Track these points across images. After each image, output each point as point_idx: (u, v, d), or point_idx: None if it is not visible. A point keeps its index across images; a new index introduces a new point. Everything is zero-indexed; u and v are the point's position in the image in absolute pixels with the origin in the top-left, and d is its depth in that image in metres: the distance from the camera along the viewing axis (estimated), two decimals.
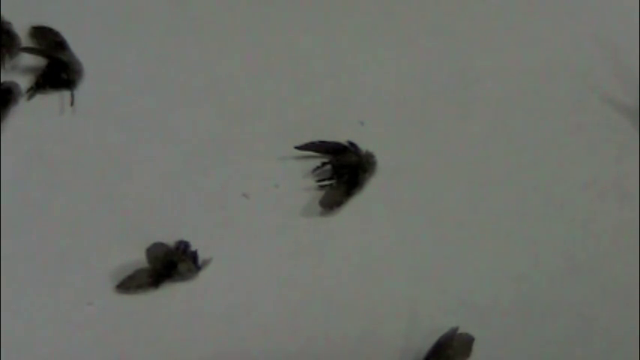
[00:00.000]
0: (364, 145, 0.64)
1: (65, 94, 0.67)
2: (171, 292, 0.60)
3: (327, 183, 0.64)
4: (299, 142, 0.65)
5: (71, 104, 0.67)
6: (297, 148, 0.65)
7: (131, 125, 0.66)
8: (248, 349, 0.58)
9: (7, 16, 0.69)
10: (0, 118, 0.65)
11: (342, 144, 0.65)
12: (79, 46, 0.69)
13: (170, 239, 0.61)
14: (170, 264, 0.59)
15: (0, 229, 0.61)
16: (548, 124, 0.67)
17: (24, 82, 0.68)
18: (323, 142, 0.65)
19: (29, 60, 0.69)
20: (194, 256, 0.60)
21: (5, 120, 0.66)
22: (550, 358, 0.59)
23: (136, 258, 0.60)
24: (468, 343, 0.58)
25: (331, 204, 0.63)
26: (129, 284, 0.59)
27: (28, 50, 0.68)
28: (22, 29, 0.70)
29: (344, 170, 0.64)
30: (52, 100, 0.67)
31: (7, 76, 0.68)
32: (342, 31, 0.71)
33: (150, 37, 0.70)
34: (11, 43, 0.68)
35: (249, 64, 0.69)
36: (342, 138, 0.65)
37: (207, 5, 0.72)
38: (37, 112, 0.67)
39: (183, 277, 0.60)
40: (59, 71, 0.67)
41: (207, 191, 0.64)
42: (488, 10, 0.73)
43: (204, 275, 0.60)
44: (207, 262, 0.60)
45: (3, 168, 0.64)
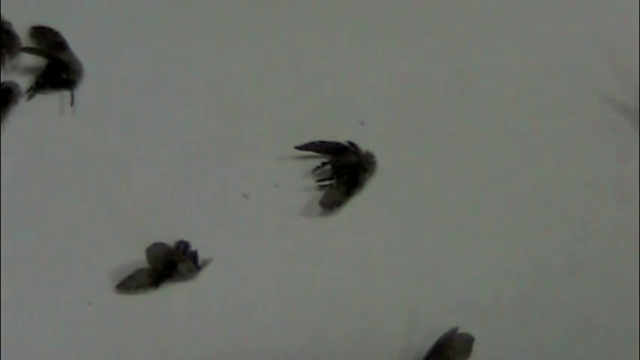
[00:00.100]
0: (364, 145, 0.64)
1: (65, 94, 0.67)
2: (171, 292, 0.60)
3: (327, 183, 0.64)
4: (299, 142, 0.65)
5: (71, 104, 0.67)
6: (297, 148, 0.65)
7: (131, 125, 0.66)
8: (248, 349, 0.58)
9: (7, 16, 0.69)
10: (0, 118, 0.65)
11: (342, 144, 0.65)
12: (79, 46, 0.69)
13: (170, 239, 0.61)
14: (170, 264, 0.59)
15: (0, 229, 0.61)
16: (548, 124, 0.67)
17: (24, 82, 0.68)
18: (323, 142, 0.65)
19: (29, 60, 0.69)
20: (194, 256, 0.60)
21: (5, 120, 0.66)
22: (550, 358, 0.59)
23: (136, 258, 0.60)
24: (468, 343, 0.58)
25: (331, 204, 0.63)
26: (129, 284, 0.59)
27: (28, 50, 0.68)
28: (22, 29, 0.70)
29: (344, 170, 0.64)
30: (52, 100, 0.67)
31: (7, 76, 0.68)
32: (342, 31, 0.71)
33: (150, 37, 0.70)
34: (11, 43, 0.68)
35: (249, 64, 0.69)
36: (342, 138, 0.65)
37: (207, 5, 0.72)
38: (37, 112, 0.67)
39: (183, 277, 0.60)
40: (59, 71, 0.67)
41: (207, 191, 0.64)
42: (488, 10, 0.73)
43: (204, 275, 0.60)
44: (207, 262, 0.60)
45: (3, 168, 0.64)
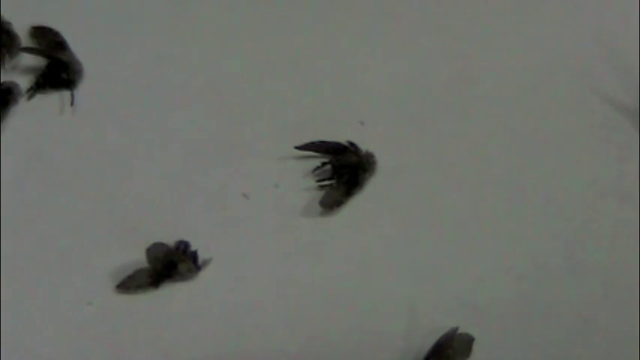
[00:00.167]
0: (364, 145, 0.64)
1: (65, 94, 0.67)
2: (171, 292, 0.60)
3: (327, 183, 0.64)
4: (299, 142, 0.65)
5: (71, 104, 0.67)
6: (297, 148, 0.65)
7: (131, 125, 0.66)
8: (248, 349, 0.58)
9: (7, 16, 0.69)
10: (0, 118, 0.65)
11: (342, 144, 0.65)
12: (79, 46, 0.69)
13: (170, 239, 0.61)
14: (170, 264, 0.59)
15: (0, 229, 0.61)
16: (548, 124, 0.67)
17: (24, 82, 0.68)
18: (323, 142, 0.65)
19: (29, 60, 0.69)
20: (194, 256, 0.60)
21: (5, 120, 0.66)
22: (550, 358, 0.59)
23: (136, 258, 0.60)
24: (468, 343, 0.58)
25: (331, 204, 0.63)
26: (129, 284, 0.59)
27: (28, 50, 0.68)
28: (22, 29, 0.70)
29: (344, 170, 0.64)
30: (52, 100, 0.67)
31: (7, 76, 0.68)
32: (342, 31, 0.71)
33: (150, 37, 0.70)
34: (11, 43, 0.68)
35: (249, 64, 0.69)
36: (342, 138, 0.65)
37: (207, 5, 0.72)
38: (37, 112, 0.67)
39: (183, 277, 0.60)
40: (59, 71, 0.67)
41: (207, 191, 0.64)
42: (488, 10, 0.73)
43: (204, 275, 0.60)
44: (207, 262, 0.60)
45: (3, 168, 0.64)
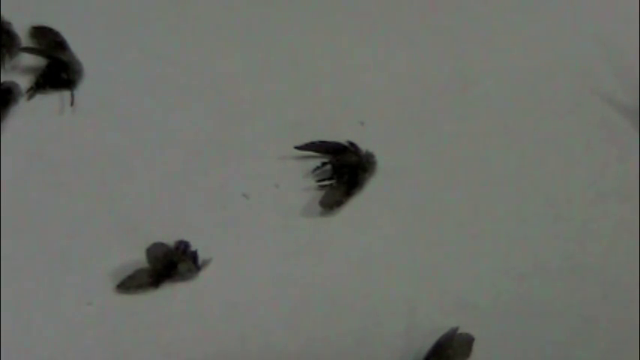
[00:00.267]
0: (364, 145, 0.64)
1: (65, 94, 0.67)
2: (172, 292, 0.60)
3: (327, 183, 0.64)
4: (299, 142, 0.65)
5: (71, 104, 0.67)
6: (297, 148, 0.65)
7: (131, 125, 0.66)
8: (248, 348, 0.58)
9: (7, 16, 0.69)
10: (0, 118, 0.65)
11: (342, 144, 0.65)
12: (79, 46, 0.69)
13: (170, 239, 0.61)
14: (170, 264, 0.59)
15: (0, 229, 0.61)
16: (548, 124, 0.67)
17: (24, 82, 0.68)
18: (323, 142, 0.65)
19: (29, 60, 0.69)
20: (194, 256, 0.60)
21: (5, 120, 0.66)
22: (550, 358, 0.59)
23: (136, 258, 0.60)
24: (468, 343, 0.58)
25: (331, 204, 0.63)
26: (129, 284, 0.59)
27: (28, 50, 0.68)
28: (22, 29, 0.70)
29: (344, 170, 0.64)
30: (52, 100, 0.67)
31: (7, 76, 0.68)
32: (342, 31, 0.71)
33: (150, 37, 0.70)
34: (11, 43, 0.68)
35: (248, 64, 0.69)
36: (342, 138, 0.65)
37: (207, 5, 0.72)
38: (37, 112, 0.67)
39: (183, 277, 0.60)
40: (59, 71, 0.67)
41: (207, 191, 0.64)
42: (488, 10, 0.73)
43: (204, 275, 0.60)
44: (207, 262, 0.60)
45: (3, 168, 0.64)
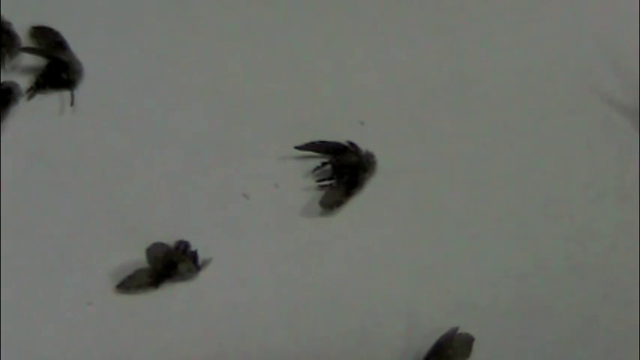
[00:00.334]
0: (364, 145, 0.64)
1: (65, 94, 0.67)
2: (172, 292, 0.60)
3: (327, 183, 0.64)
4: (299, 142, 0.65)
5: (71, 104, 0.67)
6: (297, 148, 0.65)
7: (131, 125, 0.66)
8: (248, 348, 0.58)
9: (7, 16, 0.69)
10: (0, 118, 0.65)
11: (342, 144, 0.65)
12: (79, 46, 0.69)
13: (170, 239, 0.61)
14: (170, 264, 0.59)
15: (0, 229, 0.61)
16: (548, 124, 0.67)
17: (24, 82, 0.68)
18: (323, 142, 0.65)
19: (29, 60, 0.69)
20: (194, 256, 0.60)
21: (5, 120, 0.66)
22: (550, 358, 0.59)
23: (136, 258, 0.60)
24: (468, 343, 0.58)
25: (331, 204, 0.63)
26: (129, 284, 0.59)
27: (28, 50, 0.68)
28: (22, 29, 0.70)
29: (344, 170, 0.64)
30: (52, 100, 0.67)
31: (7, 76, 0.68)
32: (342, 31, 0.71)
33: (150, 37, 0.70)
34: (11, 43, 0.68)
35: (249, 64, 0.69)
36: (342, 138, 0.65)
37: (207, 5, 0.72)
38: (37, 112, 0.67)
39: (183, 277, 0.60)
40: (59, 71, 0.67)
41: (207, 191, 0.64)
42: (488, 10, 0.73)
43: (204, 275, 0.60)
44: (207, 262, 0.60)
45: (3, 168, 0.64)
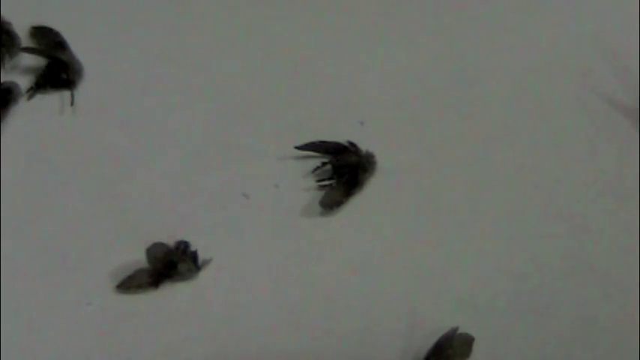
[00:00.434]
0: (364, 145, 0.64)
1: (65, 94, 0.67)
2: (171, 292, 0.60)
3: (327, 183, 0.64)
4: (299, 142, 0.65)
5: (71, 104, 0.67)
6: (297, 148, 0.65)
7: (131, 125, 0.66)
8: (248, 349, 0.58)
9: (7, 16, 0.69)
10: (0, 118, 0.65)
11: (342, 144, 0.65)
12: (79, 46, 0.69)
13: (170, 239, 0.61)
14: (170, 264, 0.59)
15: (0, 229, 0.61)
16: (548, 124, 0.67)
17: (24, 82, 0.68)
18: (323, 142, 0.65)
19: (29, 60, 0.69)
20: (194, 256, 0.60)
21: (5, 120, 0.66)
22: (550, 358, 0.59)
23: (136, 258, 0.60)
24: (468, 343, 0.58)
25: (331, 204, 0.63)
26: (129, 284, 0.59)
27: (28, 50, 0.68)
28: (22, 29, 0.70)
29: (344, 170, 0.64)
30: (52, 100, 0.67)
31: (7, 76, 0.68)
32: (342, 31, 0.71)
33: (150, 37, 0.70)
34: (11, 43, 0.68)
35: (249, 64, 0.69)
36: (342, 138, 0.65)
37: (207, 5, 0.72)
38: (37, 112, 0.67)
39: (183, 277, 0.60)
40: (59, 71, 0.67)
41: (207, 191, 0.64)
42: (488, 10, 0.73)
43: (204, 275, 0.60)
44: (207, 262, 0.60)
45: (3, 168, 0.64)
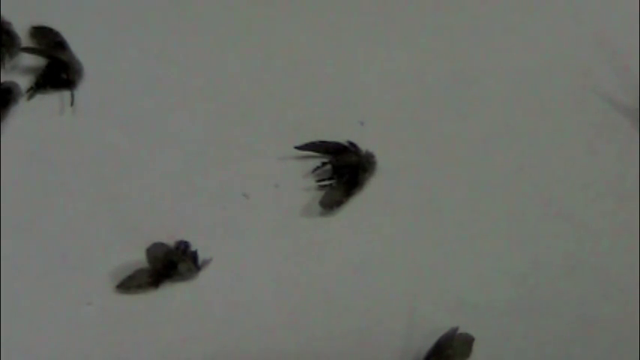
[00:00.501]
0: (364, 145, 0.64)
1: (65, 94, 0.67)
2: (171, 292, 0.60)
3: (327, 183, 0.64)
4: (299, 142, 0.65)
5: (71, 104, 0.67)
6: (297, 148, 0.65)
7: (131, 125, 0.66)
8: (248, 349, 0.58)
9: (7, 16, 0.69)
10: (0, 118, 0.65)
11: (342, 144, 0.65)
12: (79, 46, 0.69)
13: (170, 239, 0.61)
14: (170, 264, 0.59)
15: (0, 229, 0.61)
16: (548, 124, 0.67)
17: (24, 82, 0.68)
18: (323, 142, 0.65)
19: (29, 60, 0.69)
20: (194, 256, 0.60)
21: (5, 120, 0.66)
22: (550, 358, 0.59)
23: (136, 258, 0.60)
24: (468, 343, 0.58)
25: (331, 204, 0.63)
26: (129, 284, 0.59)
27: (28, 50, 0.68)
28: (22, 29, 0.70)
29: (344, 170, 0.64)
30: (52, 100, 0.67)
31: (7, 76, 0.68)
32: (342, 31, 0.71)
33: (150, 37, 0.70)
34: (11, 43, 0.68)
35: (249, 64, 0.69)
36: (342, 138, 0.65)
37: (207, 5, 0.72)
38: (37, 112, 0.67)
39: (183, 277, 0.60)
40: (59, 71, 0.67)
41: (207, 191, 0.64)
42: (487, 10, 0.73)
43: (204, 275, 0.60)
44: (207, 262, 0.60)
45: (3, 168, 0.64)
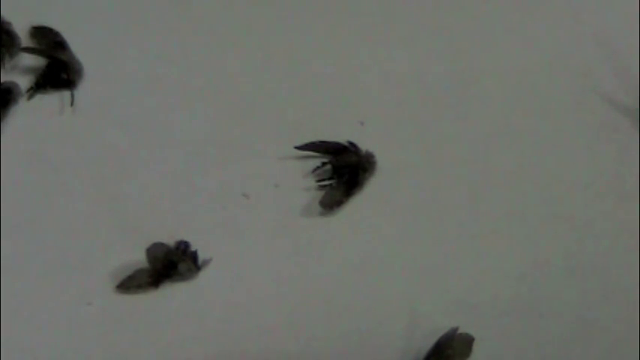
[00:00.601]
0: (364, 145, 0.64)
1: (65, 94, 0.67)
2: (171, 292, 0.60)
3: (327, 183, 0.64)
4: (299, 142, 0.65)
5: (71, 104, 0.67)
6: (297, 148, 0.65)
7: (131, 125, 0.66)
8: (248, 349, 0.58)
9: (7, 16, 0.69)
10: (0, 118, 0.65)
11: (342, 144, 0.65)
12: (79, 46, 0.69)
13: (170, 239, 0.61)
14: (170, 264, 0.59)
15: (0, 229, 0.61)
16: (548, 124, 0.67)
17: (24, 82, 0.68)
18: (323, 142, 0.65)
19: (29, 60, 0.69)
20: (194, 256, 0.60)
21: (5, 120, 0.66)
22: (550, 358, 0.59)
23: (136, 258, 0.60)
24: (468, 343, 0.58)
25: (331, 204, 0.63)
26: (129, 284, 0.59)
27: (28, 50, 0.68)
28: (22, 29, 0.70)
29: (344, 170, 0.64)
30: (52, 100, 0.67)
31: (7, 76, 0.68)
32: (342, 31, 0.71)
33: (150, 37, 0.70)
34: (11, 43, 0.68)
35: (249, 64, 0.69)
36: (342, 138, 0.65)
37: (207, 5, 0.72)
38: (37, 112, 0.67)
39: (183, 277, 0.60)
40: (59, 71, 0.67)
41: (207, 191, 0.64)
42: (487, 10, 0.73)
43: (204, 275, 0.60)
44: (207, 262, 0.60)
45: (3, 168, 0.64)
